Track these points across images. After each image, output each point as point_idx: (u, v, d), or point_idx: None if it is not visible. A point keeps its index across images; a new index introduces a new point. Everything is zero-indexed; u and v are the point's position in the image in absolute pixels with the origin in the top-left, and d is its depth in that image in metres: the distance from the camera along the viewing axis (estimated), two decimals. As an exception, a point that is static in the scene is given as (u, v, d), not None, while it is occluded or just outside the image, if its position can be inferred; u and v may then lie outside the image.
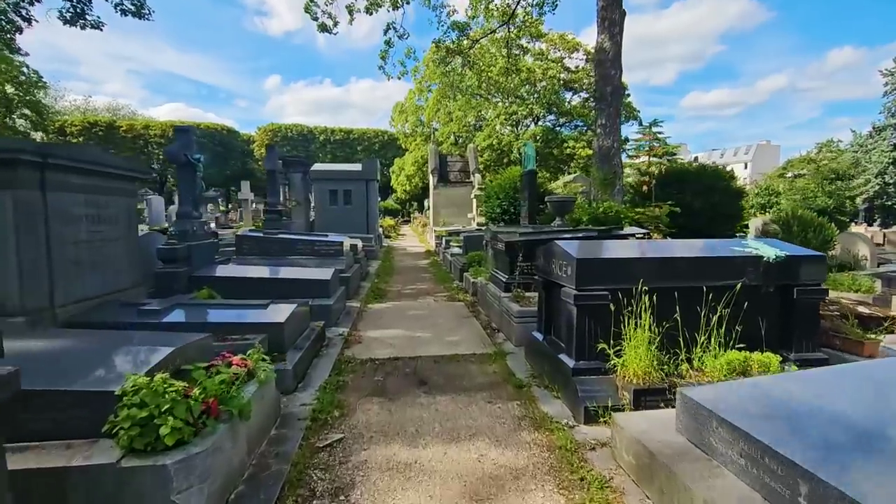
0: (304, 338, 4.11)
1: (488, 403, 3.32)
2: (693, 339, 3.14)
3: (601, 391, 2.98)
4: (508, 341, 4.87)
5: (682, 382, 2.93)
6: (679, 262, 3.22)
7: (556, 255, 3.43)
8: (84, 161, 3.65)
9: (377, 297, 7.37)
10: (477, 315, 6.12)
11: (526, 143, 9.84)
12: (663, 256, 3.24)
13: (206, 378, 2.16)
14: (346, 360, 4.27)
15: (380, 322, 5.77)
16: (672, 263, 3.20)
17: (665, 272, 3.16)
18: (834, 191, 16.51)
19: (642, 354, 2.97)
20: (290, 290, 5.38)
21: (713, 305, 3.11)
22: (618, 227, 6.27)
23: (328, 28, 12.13)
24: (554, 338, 3.73)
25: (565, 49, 29.00)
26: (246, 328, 3.50)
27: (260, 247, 7.20)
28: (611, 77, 9.23)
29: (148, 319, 3.50)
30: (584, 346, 3.13)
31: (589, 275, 3.10)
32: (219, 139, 38.25)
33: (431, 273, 10.24)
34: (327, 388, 3.51)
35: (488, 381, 3.79)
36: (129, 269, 4.42)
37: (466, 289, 7.84)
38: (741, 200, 11.51)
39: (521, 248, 5.17)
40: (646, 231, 5.36)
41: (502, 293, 5.38)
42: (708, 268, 3.21)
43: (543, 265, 3.78)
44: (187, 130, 5.35)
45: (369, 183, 13.84)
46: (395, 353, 4.53)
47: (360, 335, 5.14)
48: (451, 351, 4.58)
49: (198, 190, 5.54)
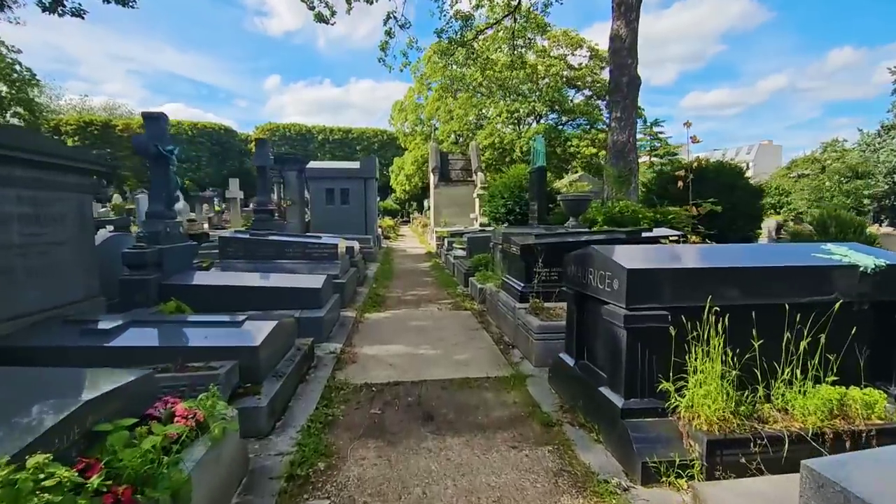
0: (287, 360, 3.44)
1: (512, 449, 2.66)
2: (771, 370, 2.48)
3: (661, 440, 2.32)
4: (527, 360, 4.20)
5: (768, 430, 2.27)
6: (755, 274, 2.56)
7: (596, 263, 2.77)
8: (14, 148, 2.98)
9: (375, 304, 6.71)
10: (487, 327, 5.46)
11: (535, 137, 9.19)
12: (737, 266, 2.57)
13: (122, 448, 1.49)
14: (337, 385, 3.60)
15: (378, 335, 5.10)
16: (748, 275, 2.54)
17: (739, 286, 2.49)
18: (851, 189, 15.84)
19: (714, 393, 2.30)
20: (276, 301, 4.73)
21: (799, 328, 2.46)
22: (645, 228, 5.60)
23: (325, 18, 11.46)
24: (589, 363, 3.06)
25: (568, 46, 28.33)
26: (212, 353, 2.83)
27: (246, 250, 6.52)
28: (627, 66, 8.58)
29: (89, 343, 2.83)
30: (635, 379, 2.47)
31: (644, 290, 2.43)
32: (216, 138, 37.57)
33: (433, 277, 9.57)
34: (312, 428, 2.84)
35: (508, 415, 3.13)
36: (82, 277, 3.75)
37: (473, 295, 7.18)
38: (761, 200, 10.88)
39: (540, 253, 4.51)
40: (680, 234, 4.70)
41: (517, 303, 4.72)
42: (793, 280, 2.55)
43: (575, 275, 3.12)
44: (158, 118, 4.68)
45: (367, 181, 13.18)
46: (395, 375, 3.87)
47: (354, 353, 4.47)
48: (460, 373, 3.91)
49: (171, 186, 4.87)
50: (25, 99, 29.46)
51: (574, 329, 3.21)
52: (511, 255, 5.30)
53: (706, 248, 3.44)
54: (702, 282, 2.45)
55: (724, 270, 2.54)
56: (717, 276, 2.49)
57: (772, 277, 2.55)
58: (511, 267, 5.45)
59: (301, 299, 4.78)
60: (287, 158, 13.77)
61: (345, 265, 7.03)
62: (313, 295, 4.81)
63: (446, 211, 19.47)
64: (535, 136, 9.44)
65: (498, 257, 6.81)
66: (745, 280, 2.50)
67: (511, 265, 5.45)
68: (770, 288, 2.53)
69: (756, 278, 2.54)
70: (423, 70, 29.14)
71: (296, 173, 13.13)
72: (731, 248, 3.67)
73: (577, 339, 3.20)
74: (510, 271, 5.45)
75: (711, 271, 2.52)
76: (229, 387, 2.67)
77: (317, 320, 4.61)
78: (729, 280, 2.49)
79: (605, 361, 2.77)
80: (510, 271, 5.45)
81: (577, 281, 3.10)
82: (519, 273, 5.00)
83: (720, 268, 2.56)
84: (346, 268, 7.06)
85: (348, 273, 7.01)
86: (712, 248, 3.42)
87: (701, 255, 2.98)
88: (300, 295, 4.80)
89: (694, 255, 2.95)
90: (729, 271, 2.53)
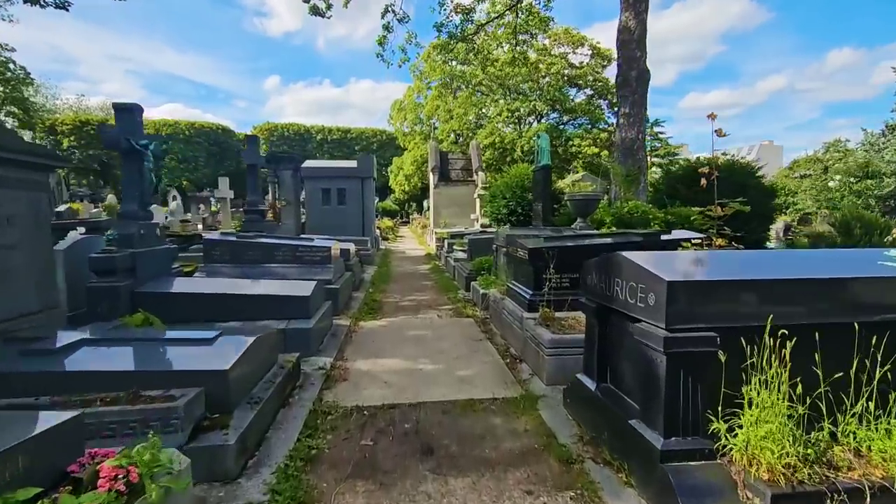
0: (267, 382, 3.02)
1: (528, 495, 2.23)
2: (838, 402, 2.07)
3: (712, 490, 1.90)
4: (537, 377, 3.78)
5: (843, 479, 1.85)
6: (816, 286, 2.14)
7: (624, 272, 2.36)
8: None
9: (371, 311, 6.28)
10: (491, 337, 5.04)
11: (539, 133, 8.77)
12: (797, 278, 2.15)
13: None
14: (324, 409, 3.18)
15: (372, 347, 4.68)
16: (811, 288, 2.12)
17: (807, 301, 2.08)
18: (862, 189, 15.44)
19: (777, 433, 1.89)
20: (261, 310, 4.31)
21: (871, 351, 2.04)
22: (662, 230, 5.19)
23: (320, 11, 11.06)
24: (614, 388, 2.64)
25: (570, 44, 27.90)
26: (174, 378, 2.41)
27: (232, 253, 6.10)
28: (636, 59, 8.17)
29: (29, 367, 2.41)
30: (677, 414, 2.05)
31: (687, 307, 2.01)
32: (214, 139, 37.13)
33: (433, 280, 9.15)
34: (291, 467, 2.41)
35: (520, 447, 2.71)
36: (37, 286, 3.33)
37: (475, 301, 6.76)
38: (774, 200, 10.48)
39: (552, 258, 4.09)
40: (703, 236, 4.28)
41: (525, 313, 4.30)
42: (864, 294, 2.13)
43: (596, 284, 2.71)
44: (131, 110, 4.26)
45: (365, 181, 12.75)
46: (390, 396, 3.45)
47: (346, 368, 4.05)
48: (464, 393, 3.49)
49: (146, 184, 4.45)
50: (19, 98, 29.05)
51: (595, 347, 2.79)
52: (518, 259, 4.88)
53: (752, 254, 3.01)
54: (760, 297, 2.03)
55: (790, 283, 2.11)
56: (779, 290, 2.07)
57: (841, 290, 2.12)
58: (517, 272, 5.03)
59: (288, 308, 4.36)
60: (282, 157, 13.33)
61: (339, 269, 6.61)
62: (302, 304, 4.38)
63: (446, 211, 19.05)
64: (540, 133, 9.02)
65: (502, 261, 6.39)
66: (814, 294, 2.08)
67: (517, 270, 5.03)
68: (839, 303, 2.11)
69: (820, 292, 2.12)
70: (423, 68, 28.74)
71: (291, 172, 12.70)
72: (781, 254, 3.25)
73: (598, 358, 2.78)
74: (516, 277, 5.03)
75: (772, 284, 2.09)
76: (191, 420, 2.24)
77: (305, 332, 4.18)
78: (795, 294, 2.07)
79: (636, 388, 2.35)
80: (516, 277, 5.03)
81: (598, 292, 2.68)
82: (527, 279, 4.58)
83: (785, 280, 2.12)
84: (340, 272, 6.64)
85: (343, 278, 6.59)
86: (760, 255, 2.99)
87: (750, 263, 2.55)
88: (287, 304, 4.38)
89: (742, 264, 2.53)
90: (796, 284, 2.10)
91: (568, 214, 9.58)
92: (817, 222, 13.98)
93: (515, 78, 22.82)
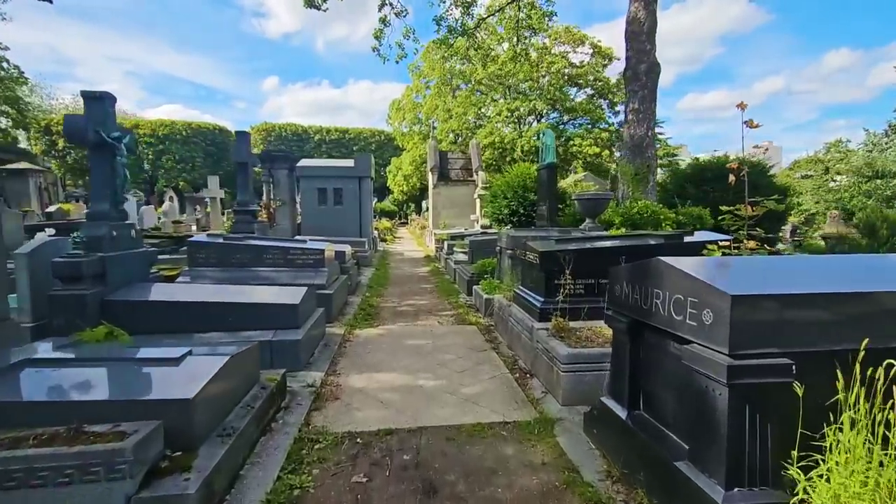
0: (244, 407, 2.61)
1: (553, 554, 1.84)
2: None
3: (792, 561, 1.51)
4: (550, 395, 3.39)
5: (961, 548, 1.46)
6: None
7: (666, 282, 1.96)
8: None
9: (367, 318, 5.88)
10: (497, 346, 4.64)
11: (543, 130, 8.39)
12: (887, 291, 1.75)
13: None
14: (311, 436, 2.78)
15: (368, 359, 4.28)
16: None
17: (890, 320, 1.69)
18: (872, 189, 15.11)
19: (872, 483, 1.49)
20: (245, 319, 3.92)
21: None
22: (685, 231, 4.81)
23: (316, 3, 10.66)
24: (650, 418, 2.25)
25: (570, 42, 27.56)
26: (128, 409, 2.01)
27: (219, 256, 5.68)
28: (645, 52, 7.80)
29: (-50, 397, 2.00)
30: (742, 460, 1.65)
31: (756, 328, 1.62)
32: (211, 139, 36.70)
33: (433, 284, 8.75)
34: (266, 516, 2.02)
35: (539, 486, 2.31)
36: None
37: (477, 306, 6.37)
38: (786, 199, 10.14)
39: (567, 262, 3.69)
40: (730, 238, 3.89)
41: (536, 322, 3.90)
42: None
43: (628, 296, 2.31)
44: (102, 98, 3.85)
45: (363, 181, 12.35)
46: (387, 419, 3.04)
47: (338, 384, 3.65)
48: (470, 416, 3.09)
49: (119, 181, 4.04)
50: (13, 97, 28.56)
51: (626, 368, 2.39)
52: (527, 262, 4.48)
53: (809, 261, 2.62)
54: (851, 314, 1.64)
55: (877, 297, 1.71)
56: (874, 305, 1.67)
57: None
58: (526, 276, 4.63)
59: (275, 317, 3.97)
60: (277, 156, 12.91)
61: (333, 273, 6.20)
62: (290, 312, 3.99)
63: (445, 212, 18.67)
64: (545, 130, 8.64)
65: (506, 263, 6.00)
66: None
67: (526, 274, 4.63)
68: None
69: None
70: (422, 67, 28.37)
71: (286, 172, 12.30)
72: (844, 260, 2.85)
73: (630, 380, 2.39)
74: (525, 282, 4.64)
75: (865, 298, 1.69)
76: (143, 463, 1.84)
77: (293, 343, 3.79)
78: (878, 312, 1.68)
79: (683, 422, 1.96)
80: (525, 282, 4.64)
81: (631, 305, 2.29)
82: (537, 285, 4.19)
83: (870, 293, 1.72)
84: (334, 276, 6.24)
85: (337, 282, 6.19)
86: (821, 262, 2.59)
87: (815, 272, 2.15)
88: (274, 312, 3.98)
89: (806, 273, 2.13)
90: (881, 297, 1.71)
91: (572, 215, 9.20)
92: (826, 223, 13.64)
93: (516, 77, 22.42)
